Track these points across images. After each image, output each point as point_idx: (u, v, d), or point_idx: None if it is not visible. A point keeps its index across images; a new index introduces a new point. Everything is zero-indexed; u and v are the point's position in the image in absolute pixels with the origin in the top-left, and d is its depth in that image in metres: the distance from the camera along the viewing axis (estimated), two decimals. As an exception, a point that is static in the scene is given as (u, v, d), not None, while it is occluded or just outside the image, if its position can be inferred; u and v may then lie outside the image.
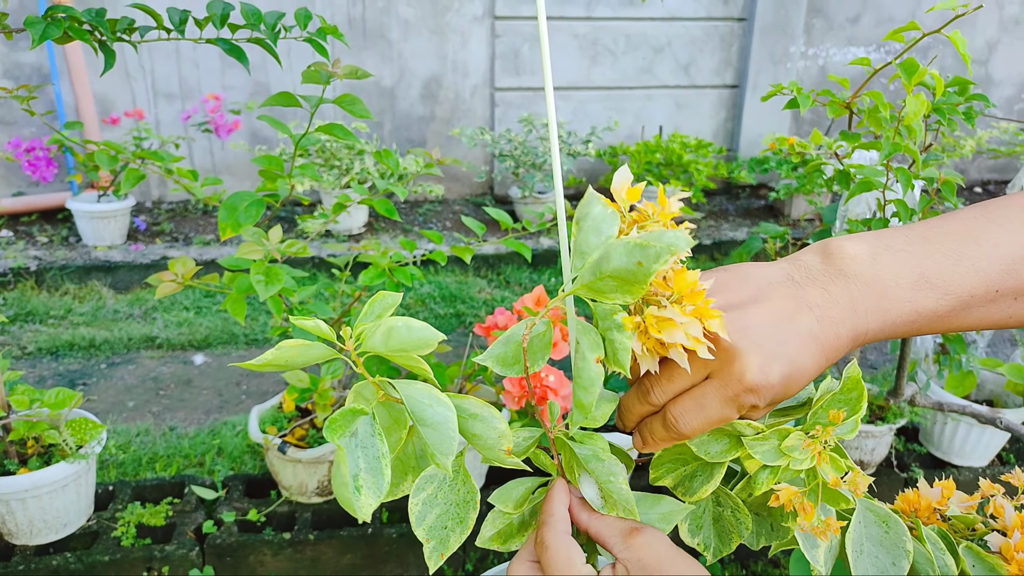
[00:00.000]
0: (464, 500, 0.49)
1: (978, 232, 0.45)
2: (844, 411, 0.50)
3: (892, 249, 0.45)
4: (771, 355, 0.43)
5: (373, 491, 0.39)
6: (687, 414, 0.45)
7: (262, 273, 1.18)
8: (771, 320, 0.43)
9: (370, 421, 0.42)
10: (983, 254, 0.45)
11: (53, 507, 1.38)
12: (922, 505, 0.61)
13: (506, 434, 0.46)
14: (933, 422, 1.82)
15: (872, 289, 0.44)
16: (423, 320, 1.86)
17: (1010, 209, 0.46)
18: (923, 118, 1.05)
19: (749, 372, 0.42)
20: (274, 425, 1.54)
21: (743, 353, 0.42)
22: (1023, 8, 4.33)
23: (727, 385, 0.43)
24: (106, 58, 1.02)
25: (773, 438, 0.49)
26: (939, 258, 0.45)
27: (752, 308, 0.44)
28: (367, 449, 0.41)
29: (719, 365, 0.43)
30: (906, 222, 1.09)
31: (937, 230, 0.46)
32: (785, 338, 0.43)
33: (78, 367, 2.44)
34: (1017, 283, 0.45)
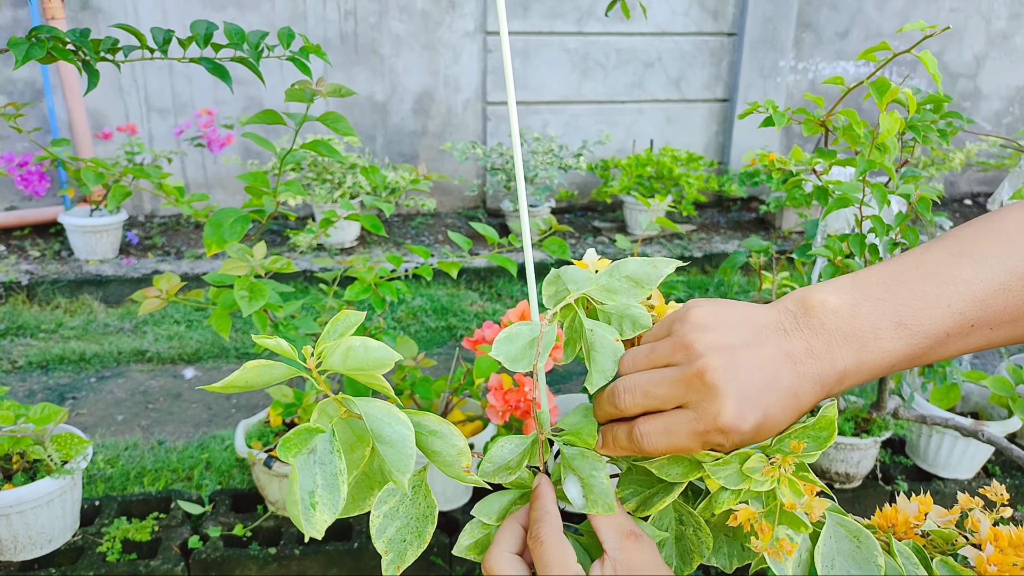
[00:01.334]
0: (423, 515, 0.49)
1: (952, 271, 0.46)
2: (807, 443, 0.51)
3: (871, 299, 0.46)
4: (750, 403, 0.44)
5: (329, 507, 0.40)
6: (655, 435, 0.46)
7: (246, 289, 1.19)
8: (758, 368, 0.45)
9: (329, 438, 0.42)
10: (958, 294, 0.46)
11: (38, 523, 1.38)
12: (899, 520, 0.62)
13: (464, 451, 0.47)
14: (919, 435, 1.83)
15: (852, 342, 0.45)
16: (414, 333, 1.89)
17: (984, 241, 0.47)
18: (898, 135, 1.06)
19: (724, 414, 0.44)
20: (260, 440, 1.54)
21: (725, 394, 0.44)
22: (1010, 22, 4.38)
23: (700, 419, 0.45)
24: (89, 78, 1.03)
25: (734, 462, 0.50)
26: (916, 303, 0.46)
27: (744, 352, 0.45)
28: (325, 466, 0.42)
29: (699, 398, 0.45)
30: (882, 238, 1.10)
31: (913, 271, 0.47)
32: (767, 390, 0.44)
33: (68, 381, 2.44)
34: (991, 315, 0.46)
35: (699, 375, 0.44)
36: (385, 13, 3.67)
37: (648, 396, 0.47)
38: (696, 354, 0.45)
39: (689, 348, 0.46)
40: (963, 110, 4.52)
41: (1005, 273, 0.46)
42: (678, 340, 0.47)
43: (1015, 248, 0.46)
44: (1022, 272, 0.46)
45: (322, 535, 0.39)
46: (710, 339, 0.46)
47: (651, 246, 3.66)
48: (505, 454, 0.52)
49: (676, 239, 3.74)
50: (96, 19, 3.38)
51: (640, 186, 3.69)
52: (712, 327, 0.46)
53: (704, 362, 0.44)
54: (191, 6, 3.46)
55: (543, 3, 3.80)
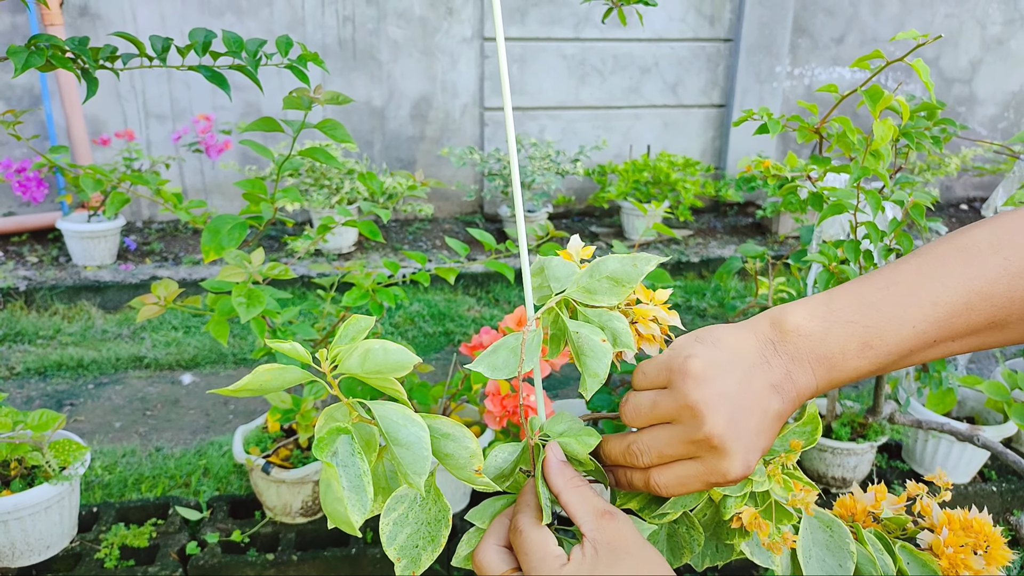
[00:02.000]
0: (436, 519, 0.50)
1: (920, 292, 0.49)
2: (802, 440, 0.56)
3: (841, 323, 0.50)
4: (752, 450, 0.48)
5: (358, 508, 0.41)
6: (671, 485, 0.50)
7: (244, 295, 1.19)
8: (752, 415, 0.49)
9: (349, 440, 0.43)
10: (923, 316, 0.49)
11: (36, 529, 1.38)
12: (858, 509, 0.64)
13: (477, 454, 0.48)
14: (915, 439, 1.83)
15: (823, 363, 0.50)
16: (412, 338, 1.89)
17: (952, 260, 0.50)
18: (892, 142, 1.07)
19: (734, 470, 0.48)
20: (258, 446, 1.55)
21: (732, 453, 0.48)
22: (1005, 28, 4.40)
23: (711, 473, 0.48)
24: (88, 86, 1.03)
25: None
26: (883, 324, 0.49)
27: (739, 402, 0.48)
28: (348, 468, 0.42)
29: (709, 456, 0.48)
30: (877, 244, 1.11)
31: (884, 292, 0.50)
32: (762, 431, 0.49)
33: (66, 387, 2.44)
34: (953, 331, 0.49)
35: (707, 440, 0.48)
36: (383, 19, 3.68)
37: (662, 456, 0.50)
38: (702, 419, 0.48)
39: (694, 410, 0.48)
40: (959, 115, 4.54)
41: (969, 293, 0.49)
42: (681, 400, 0.49)
43: (981, 268, 0.49)
44: (986, 292, 0.49)
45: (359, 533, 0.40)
46: (712, 392, 0.48)
47: (648, 251, 3.66)
48: (499, 462, 0.53)
49: (673, 244, 3.75)
50: (94, 25, 3.39)
51: (637, 191, 3.70)
52: (710, 379, 0.49)
53: (711, 427, 0.47)
54: (189, 12, 3.47)
55: (540, 9, 3.82)
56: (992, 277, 0.49)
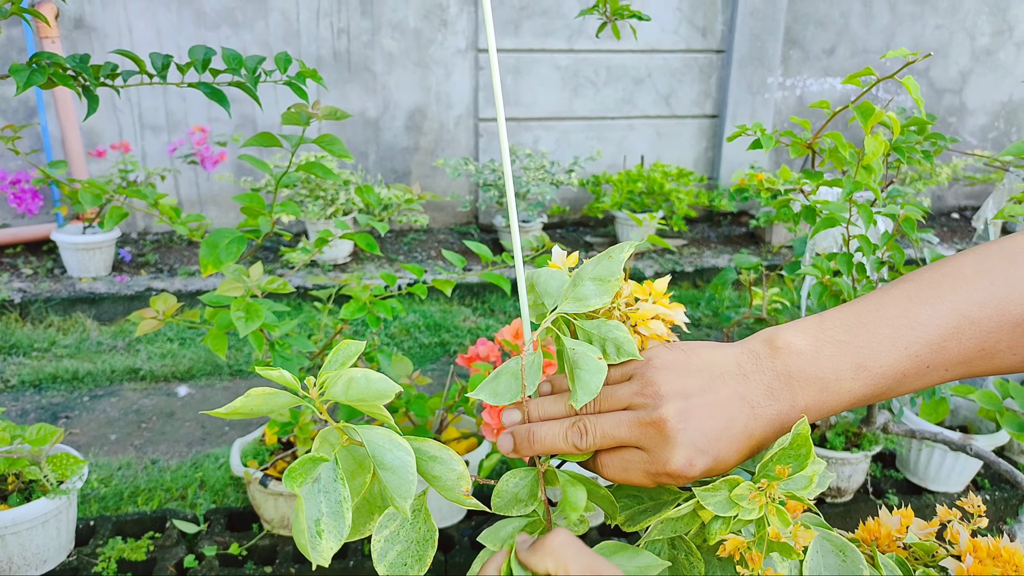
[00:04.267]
0: (424, 539, 0.51)
1: (910, 314, 0.50)
2: (790, 467, 0.52)
3: (833, 342, 0.49)
4: (699, 451, 0.48)
5: (334, 535, 0.41)
6: (611, 467, 0.51)
7: (242, 309, 1.20)
8: (712, 416, 0.48)
9: (332, 467, 0.44)
10: (915, 337, 0.49)
11: (33, 543, 1.38)
12: (882, 533, 0.64)
13: (464, 475, 0.49)
14: (909, 448, 1.85)
15: (814, 384, 0.49)
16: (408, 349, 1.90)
17: (940, 285, 0.51)
18: (883, 156, 1.08)
19: (673, 461, 0.48)
20: (256, 458, 1.55)
21: (677, 444, 0.47)
22: (993, 39, 4.45)
23: (652, 463, 0.48)
24: (89, 103, 1.04)
25: (723, 489, 0.51)
26: (875, 345, 0.49)
27: (699, 400, 0.48)
28: (329, 494, 0.43)
29: (653, 444, 0.48)
30: (869, 256, 1.12)
31: (875, 314, 0.50)
32: (718, 437, 0.48)
33: (61, 400, 2.44)
34: (946, 358, 0.50)
35: (656, 423, 0.48)
36: (378, 31, 3.70)
37: (607, 438, 0.50)
38: (657, 401, 0.48)
39: (649, 393, 0.49)
40: (949, 125, 4.58)
41: (958, 317, 0.49)
42: (640, 384, 0.50)
43: (969, 293, 0.50)
44: (974, 316, 0.49)
45: (328, 563, 0.41)
46: (669, 386, 0.49)
47: (642, 260, 3.68)
48: (512, 487, 0.53)
49: (667, 254, 3.77)
50: (90, 38, 3.40)
51: (631, 201, 3.72)
52: (673, 371, 0.49)
53: (662, 412, 0.48)
54: (185, 25, 3.48)
55: (534, 21, 3.84)
56: (979, 300, 0.49)
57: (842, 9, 4.20)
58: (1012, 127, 4.66)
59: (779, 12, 4.02)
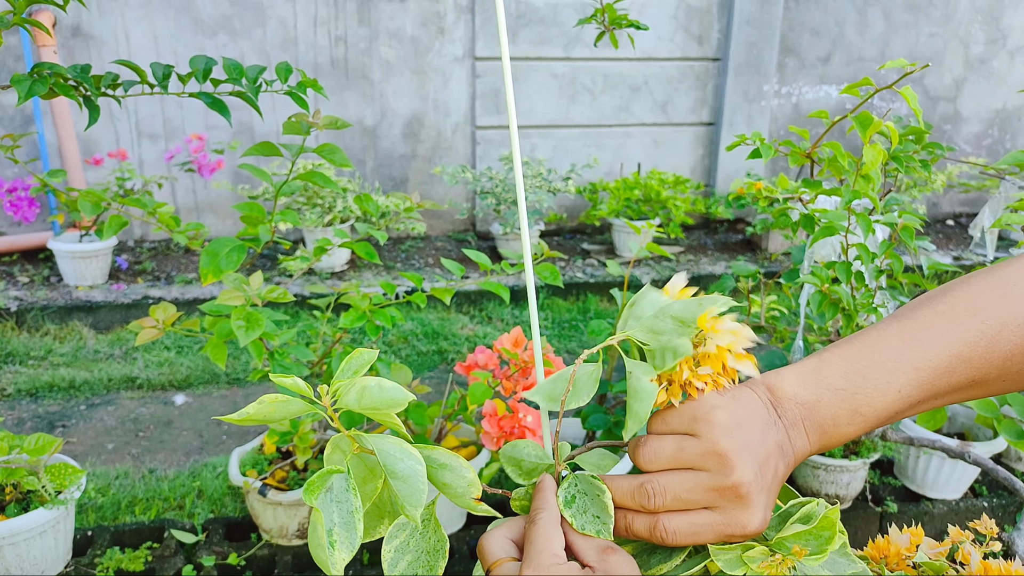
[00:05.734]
0: (434, 549, 0.51)
1: (904, 356, 0.52)
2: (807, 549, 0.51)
3: (832, 390, 0.52)
4: (769, 506, 0.50)
5: (346, 545, 0.42)
6: (680, 532, 0.49)
7: (243, 319, 1.20)
8: (771, 473, 0.50)
9: (345, 477, 0.44)
10: (907, 380, 0.51)
11: (30, 554, 1.37)
12: (891, 552, 0.63)
13: (475, 483, 0.49)
14: (907, 456, 1.85)
15: (815, 430, 0.52)
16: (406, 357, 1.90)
17: (933, 326, 0.53)
18: (882, 165, 1.09)
19: (753, 523, 0.49)
20: (254, 467, 1.55)
21: (755, 506, 0.49)
22: (987, 47, 4.47)
23: (728, 525, 0.49)
24: (90, 113, 1.04)
25: (737, 549, 0.51)
26: (870, 390, 0.52)
27: (761, 460, 0.50)
28: (341, 504, 0.43)
29: (730, 506, 0.49)
30: (868, 265, 1.13)
31: (870, 359, 0.52)
32: (773, 488, 0.51)
33: (57, 409, 2.43)
34: (937, 391, 0.52)
35: (735, 489, 0.48)
36: (375, 39, 3.71)
37: (679, 501, 0.50)
38: (732, 467, 0.48)
39: (723, 458, 0.49)
40: (944, 133, 4.61)
41: (950, 357, 0.52)
42: (709, 448, 0.49)
43: (961, 332, 0.52)
44: (966, 355, 0.51)
45: (342, 573, 0.41)
46: (738, 446, 0.49)
47: (640, 268, 3.69)
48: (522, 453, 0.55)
49: (665, 261, 3.78)
50: (87, 45, 3.40)
51: (628, 209, 3.73)
52: (736, 430, 0.50)
53: (738, 477, 0.48)
54: (183, 32, 3.49)
55: (531, 29, 3.86)
56: (971, 340, 0.52)
57: (837, 18, 4.22)
58: (1006, 134, 4.68)
59: (775, 20, 4.04)
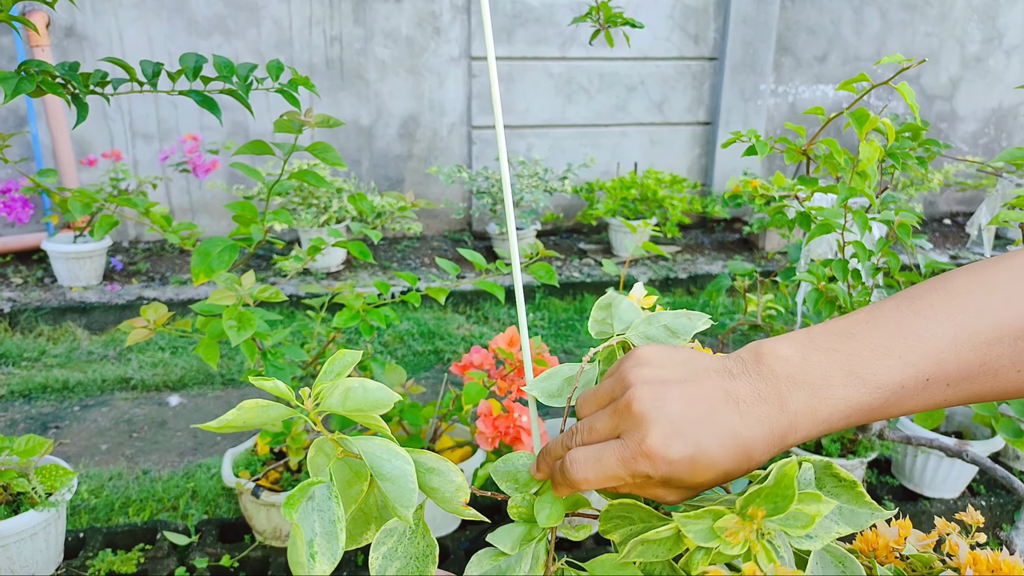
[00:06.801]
0: (423, 554, 0.50)
1: (902, 325, 0.47)
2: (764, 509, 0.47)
3: (821, 349, 0.47)
4: (677, 432, 0.44)
5: (328, 557, 0.40)
6: (583, 462, 0.47)
7: (234, 318, 1.19)
8: (690, 402, 0.45)
9: (327, 486, 0.43)
10: (909, 347, 0.46)
11: (21, 557, 1.36)
12: (880, 544, 0.63)
13: (463, 487, 0.48)
14: (904, 455, 1.84)
15: (803, 390, 0.45)
16: (401, 357, 1.89)
17: (933, 298, 0.48)
18: (878, 162, 1.08)
19: (649, 439, 0.44)
20: (248, 468, 1.53)
21: (651, 421, 0.45)
22: (983, 46, 4.47)
23: (626, 446, 0.45)
24: (79, 111, 1.03)
25: (707, 518, 0.48)
26: (866, 353, 0.46)
27: (675, 387, 0.46)
28: (323, 512, 0.42)
29: (627, 427, 0.46)
30: (864, 263, 1.12)
31: (863, 325, 0.48)
32: (698, 422, 0.45)
33: (51, 410, 2.41)
34: (946, 372, 0.47)
35: (627, 404, 0.46)
36: (370, 39, 3.69)
37: (592, 432, 0.48)
38: (628, 385, 0.47)
39: (624, 381, 0.48)
40: (940, 132, 4.61)
41: (955, 328, 0.46)
42: (618, 376, 0.49)
43: (964, 305, 0.47)
44: (972, 328, 0.46)
45: None
46: (645, 373, 0.47)
47: (637, 268, 3.68)
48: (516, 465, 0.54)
49: (661, 260, 3.77)
50: (81, 46, 3.39)
51: (625, 208, 3.72)
52: (652, 363, 0.48)
53: (632, 391, 0.46)
54: (177, 33, 3.47)
55: (527, 29, 3.85)
56: (975, 311, 0.47)
57: (833, 16, 4.22)
58: (1002, 133, 4.68)
59: (771, 19, 4.04)
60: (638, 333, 0.58)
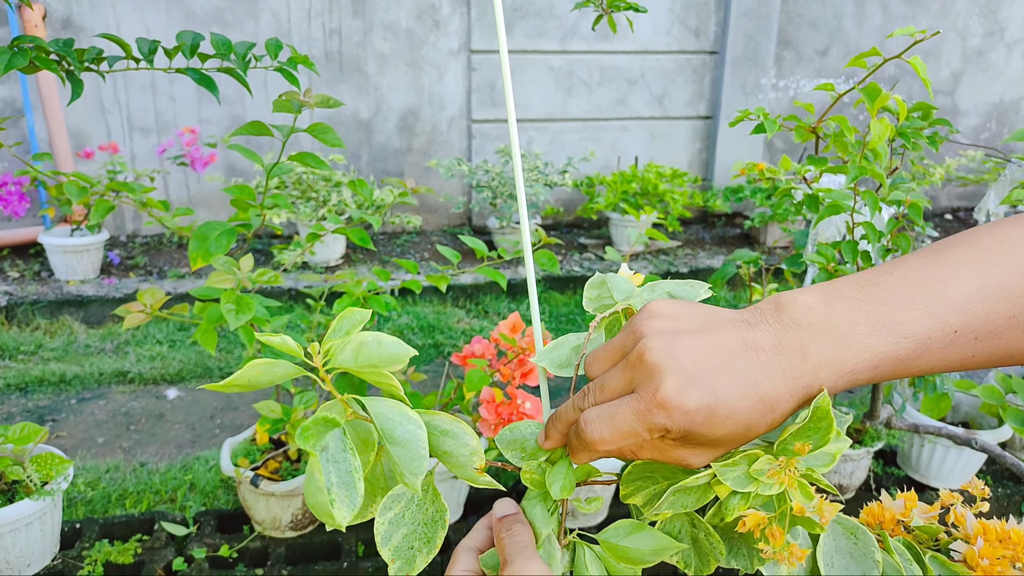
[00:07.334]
0: (432, 520, 0.48)
1: (927, 275, 0.45)
2: (810, 443, 0.49)
3: (845, 298, 0.45)
4: (692, 380, 0.42)
5: (346, 504, 0.39)
6: (597, 421, 0.45)
7: (233, 302, 1.17)
8: (706, 352, 0.43)
9: (340, 436, 0.41)
10: (934, 296, 0.44)
11: (16, 546, 1.34)
12: (886, 517, 0.62)
13: (478, 451, 0.46)
14: (911, 445, 1.83)
15: (826, 338, 0.43)
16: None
17: (958, 250, 0.46)
18: (888, 142, 1.06)
19: (664, 388, 0.42)
20: (247, 458, 1.51)
21: (663, 370, 0.42)
22: (985, 40, 4.46)
23: (641, 399, 0.43)
24: (73, 88, 1.01)
25: (743, 464, 0.49)
26: (892, 302, 0.44)
27: (689, 337, 0.44)
28: (339, 464, 0.40)
29: (641, 379, 0.44)
30: (875, 244, 1.10)
31: (887, 276, 0.46)
32: (715, 371, 0.43)
33: (47, 403, 2.39)
34: (974, 324, 0.45)
35: (639, 355, 0.43)
36: (370, 31, 3.67)
37: (604, 390, 0.46)
38: (640, 337, 0.45)
39: (636, 332, 0.45)
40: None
41: (982, 278, 0.44)
42: (629, 330, 0.46)
43: (991, 256, 0.45)
44: (1000, 279, 0.44)
45: (345, 527, 0.38)
46: (657, 324, 0.45)
47: (638, 262, 3.66)
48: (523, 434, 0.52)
49: (662, 255, 3.75)
50: (79, 38, 3.36)
51: (625, 202, 3.70)
52: (664, 315, 0.46)
53: (645, 342, 0.44)
54: (174, 25, 3.45)
55: (527, 22, 3.83)
56: (1002, 262, 0.45)
57: (835, 10, 4.20)
58: (1004, 128, 4.67)
59: (772, 13, 4.02)
60: (641, 301, 0.56)
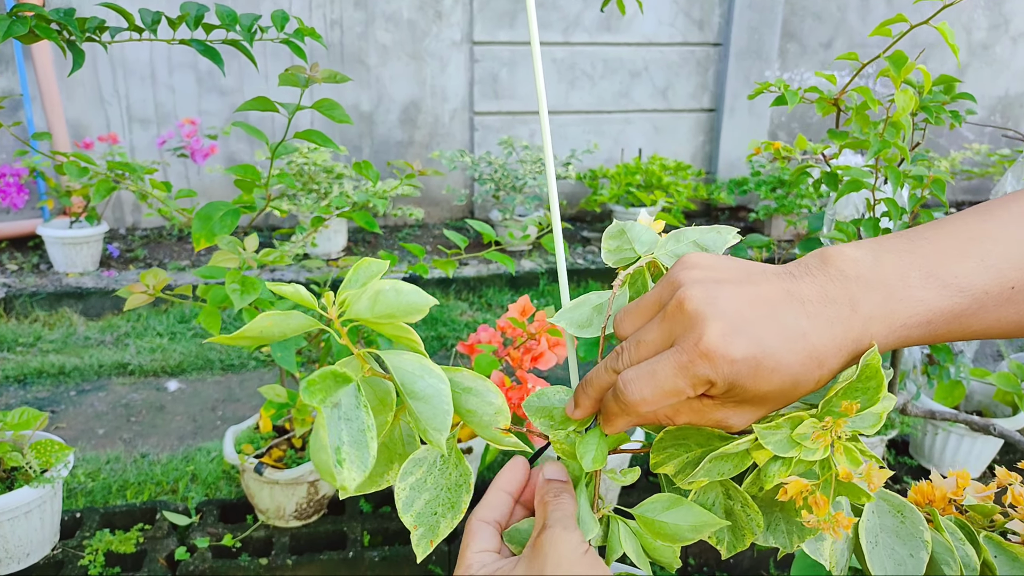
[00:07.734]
0: (457, 484, 0.45)
1: (980, 230, 0.43)
2: (858, 402, 0.45)
3: (895, 251, 0.42)
4: (737, 328, 0.39)
5: (357, 465, 0.35)
6: (637, 380, 0.41)
7: (238, 282, 1.14)
8: (749, 301, 0.40)
9: (354, 391, 0.38)
10: (988, 250, 0.42)
11: (15, 535, 1.31)
12: (937, 496, 0.58)
13: (503, 410, 0.43)
14: (923, 434, 1.80)
15: (877, 290, 0.41)
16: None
17: (1009, 207, 0.44)
18: (911, 115, 1.04)
19: (707, 337, 0.39)
20: (250, 445, 1.48)
21: (705, 318, 0.39)
22: (990, 33, 4.43)
23: (683, 350, 0.40)
24: (74, 57, 0.98)
25: (785, 427, 0.46)
26: (943, 255, 0.42)
27: (730, 286, 0.41)
28: (351, 422, 0.37)
29: (681, 330, 0.40)
30: (896, 221, 1.07)
31: (936, 231, 0.43)
32: (761, 321, 0.40)
33: (47, 395, 2.36)
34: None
35: (678, 304, 0.40)
36: (371, 23, 3.64)
37: (640, 346, 0.43)
38: (678, 286, 0.41)
39: (674, 283, 0.42)
40: (946, 119, 4.56)
41: None
42: (666, 282, 0.43)
43: None
44: None
45: (352, 491, 0.35)
46: (696, 274, 0.42)
47: (641, 255, 3.63)
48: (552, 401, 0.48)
49: (666, 248, 3.72)
50: (80, 7, 3.33)
51: (629, 195, 3.68)
52: (702, 266, 0.43)
53: (684, 291, 0.41)
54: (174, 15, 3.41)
55: (530, 13, 3.79)
56: None
57: (839, 2, 4.17)
58: (1009, 121, 4.64)
59: (777, 5, 3.99)
60: (666, 252, 0.52)
